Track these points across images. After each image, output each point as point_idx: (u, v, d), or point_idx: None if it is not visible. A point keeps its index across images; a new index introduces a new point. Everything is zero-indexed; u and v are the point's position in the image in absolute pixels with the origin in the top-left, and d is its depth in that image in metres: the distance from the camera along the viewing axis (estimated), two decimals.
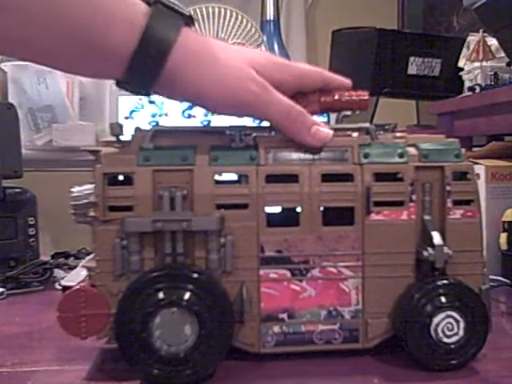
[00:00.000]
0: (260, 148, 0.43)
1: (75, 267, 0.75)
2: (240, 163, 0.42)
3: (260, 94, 0.41)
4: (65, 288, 0.62)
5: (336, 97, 0.46)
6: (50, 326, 0.55)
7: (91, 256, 0.43)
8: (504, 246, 0.70)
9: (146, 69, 0.39)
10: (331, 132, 0.43)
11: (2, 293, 0.67)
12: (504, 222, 0.70)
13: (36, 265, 0.73)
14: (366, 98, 0.47)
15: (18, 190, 0.77)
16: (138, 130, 0.43)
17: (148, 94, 0.42)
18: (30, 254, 0.77)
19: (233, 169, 0.42)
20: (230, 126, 0.44)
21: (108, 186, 0.41)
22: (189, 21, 0.41)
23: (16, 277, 0.71)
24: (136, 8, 0.39)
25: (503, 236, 0.70)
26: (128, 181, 0.41)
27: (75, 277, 0.64)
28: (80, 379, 0.41)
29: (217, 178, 0.42)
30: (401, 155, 0.43)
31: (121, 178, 0.42)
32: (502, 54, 1.25)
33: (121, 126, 0.42)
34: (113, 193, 0.41)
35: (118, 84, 0.41)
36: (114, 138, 0.42)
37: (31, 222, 0.78)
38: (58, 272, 0.77)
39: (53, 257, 0.89)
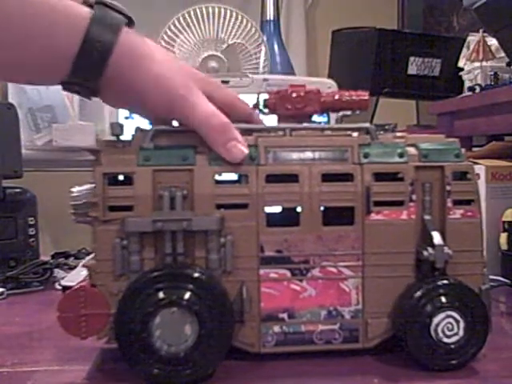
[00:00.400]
0: (260, 148, 0.43)
1: (75, 267, 0.75)
2: (240, 163, 0.42)
3: (188, 96, 0.42)
4: (65, 288, 0.62)
5: (336, 97, 0.46)
6: (49, 326, 0.55)
7: (91, 256, 0.43)
8: (504, 246, 0.70)
9: (88, 70, 0.40)
10: (246, 151, 0.42)
11: (2, 293, 0.67)
12: (504, 222, 0.70)
13: (36, 265, 0.73)
14: (366, 98, 0.47)
15: (18, 190, 0.77)
16: (138, 129, 0.43)
17: (92, 95, 0.43)
18: (30, 254, 0.77)
19: (233, 169, 0.42)
20: None
21: (108, 185, 0.41)
22: (129, 21, 0.42)
23: (16, 277, 0.71)
24: (78, 10, 0.40)
25: (503, 236, 0.70)
26: (128, 181, 0.41)
27: (75, 277, 0.64)
28: (80, 379, 0.41)
29: (217, 177, 0.42)
30: (401, 155, 0.43)
31: (121, 177, 0.42)
32: (502, 54, 1.25)
33: (121, 126, 0.42)
34: (113, 193, 0.41)
35: (64, 86, 0.42)
36: (114, 138, 0.42)
37: (31, 222, 0.78)
38: (58, 272, 0.77)
39: (53, 257, 0.89)
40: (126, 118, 0.84)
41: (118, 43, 0.40)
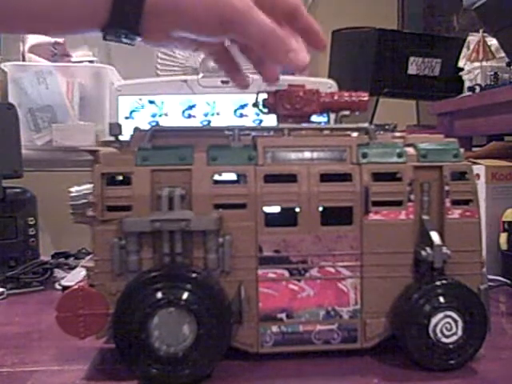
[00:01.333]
0: (258, 148, 0.43)
1: (75, 267, 0.75)
2: (238, 163, 0.42)
3: (244, 9, 0.41)
4: (65, 288, 0.62)
5: (335, 97, 0.46)
6: (50, 326, 0.55)
7: (91, 256, 0.43)
8: (504, 246, 0.70)
9: (128, 5, 0.39)
10: (307, 57, 0.42)
11: (2, 293, 0.67)
12: (504, 222, 0.70)
13: (36, 265, 0.73)
14: (365, 98, 0.47)
15: (18, 190, 0.77)
16: (136, 129, 0.43)
17: (135, 36, 0.42)
18: (30, 253, 0.77)
19: (231, 168, 0.42)
20: (229, 126, 0.44)
21: (106, 185, 0.41)
22: None
23: (16, 277, 0.71)
24: None
25: (503, 236, 0.70)
26: (126, 181, 0.41)
27: (75, 277, 0.64)
28: (80, 379, 0.41)
29: (215, 177, 0.42)
30: (399, 155, 0.43)
31: (119, 177, 0.42)
32: (502, 54, 1.25)
33: (119, 126, 0.42)
34: (111, 193, 0.41)
35: (105, 34, 0.41)
36: (112, 138, 0.42)
37: (31, 222, 0.78)
38: (58, 272, 0.77)
39: (53, 257, 0.89)
40: (126, 118, 0.84)
41: None
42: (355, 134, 0.45)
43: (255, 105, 0.47)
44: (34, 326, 0.56)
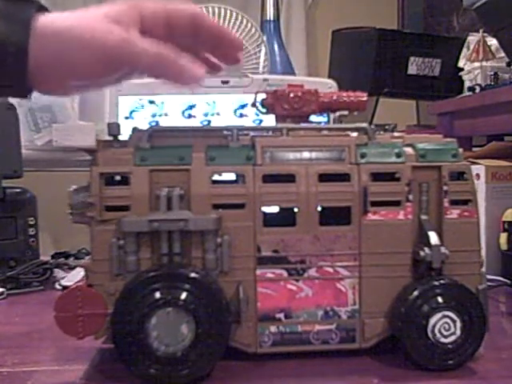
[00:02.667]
0: (257, 148, 0.43)
1: (75, 267, 0.75)
2: (237, 163, 0.42)
3: (123, 42, 0.40)
4: (65, 288, 0.62)
5: (334, 97, 0.46)
6: (49, 326, 0.54)
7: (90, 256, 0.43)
8: (504, 246, 0.70)
9: (8, 78, 0.39)
10: (203, 70, 0.42)
11: (2, 293, 0.67)
12: (504, 222, 0.70)
13: (36, 265, 0.73)
14: (364, 99, 0.47)
15: (18, 190, 0.77)
16: (135, 129, 0.43)
17: (27, 93, 0.41)
18: (30, 254, 0.77)
19: (230, 169, 0.42)
20: (227, 126, 0.44)
21: (105, 185, 0.41)
22: (41, 7, 0.41)
23: (16, 277, 0.71)
24: None
25: (503, 236, 0.70)
26: (125, 181, 0.41)
27: (75, 277, 0.64)
28: (80, 379, 0.41)
29: (215, 177, 0.42)
30: (398, 155, 0.43)
31: (118, 177, 0.42)
32: (502, 54, 1.24)
33: (118, 126, 0.42)
34: (110, 193, 0.41)
35: None
36: (111, 138, 0.42)
37: (31, 222, 0.78)
38: (58, 272, 0.77)
39: (53, 257, 0.89)
40: (126, 118, 0.84)
41: (34, 30, 0.39)
42: (355, 134, 0.45)
43: (254, 105, 0.47)
44: (34, 325, 0.56)
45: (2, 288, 0.68)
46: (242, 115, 0.86)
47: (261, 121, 0.83)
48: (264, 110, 0.46)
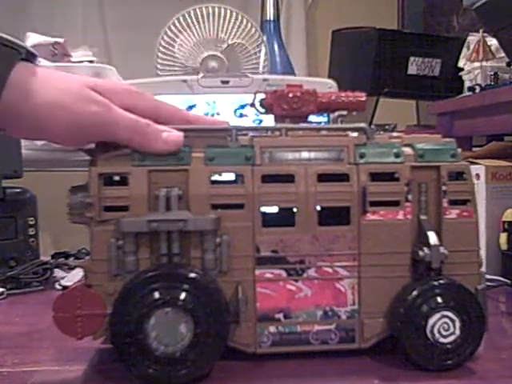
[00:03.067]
0: (256, 148, 0.42)
1: (75, 267, 0.75)
2: (236, 163, 0.42)
3: (103, 113, 0.40)
4: (65, 288, 0.62)
5: (333, 97, 0.46)
6: (50, 326, 0.54)
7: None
8: (504, 246, 0.70)
9: None
10: (181, 134, 0.42)
11: (2, 293, 0.67)
12: (504, 222, 0.70)
13: (36, 265, 0.73)
14: (363, 99, 0.47)
15: (18, 190, 0.77)
16: None
17: None
18: (30, 254, 0.77)
19: (228, 169, 0.42)
20: (226, 126, 0.44)
21: (104, 186, 0.41)
22: (27, 55, 0.41)
23: (16, 277, 0.70)
24: None
25: (503, 236, 0.70)
26: (123, 181, 0.41)
27: (75, 277, 0.64)
28: (80, 379, 0.41)
29: (212, 178, 0.42)
30: (397, 155, 0.43)
31: (116, 178, 0.42)
32: (502, 54, 1.25)
33: None
34: (108, 193, 0.41)
35: None
36: None
37: (31, 222, 0.77)
38: (58, 272, 0.77)
39: (53, 257, 0.89)
40: None
41: (10, 80, 0.38)
42: (355, 134, 0.45)
43: (252, 105, 0.47)
44: (34, 326, 0.56)
45: (2, 288, 0.67)
46: (241, 115, 0.86)
47: (261, 121, 0.83)
48: (263, 110, 0.46)
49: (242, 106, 0.86)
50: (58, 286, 0.69)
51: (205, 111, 0.85)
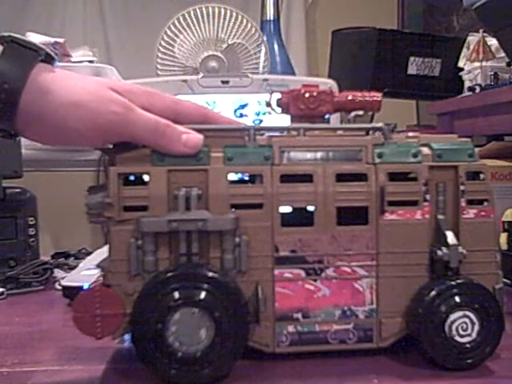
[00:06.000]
0: (274, 148, 0.42)
1: (75, 267, 0.75)
2: (254, 163, 0.42)
3: (123, 113, 0.40)
4: (65, 288, 0.62)
5: (349, 97, 0.46)
6: (50, 326, 0.55)
7: (91, 256, 0.43)
8: (504, 246, 0.70)
9: (2, 103, 0.38)
10: (201, 137, 0.42)
11: (2, 293, 0.67)
12: (504, 222, 0.70)
13: (36, 265, 0.73)
14: (379, 99, 0.47)
15: (18, 190, 0.77)
16: None
17: (13, 136, 0.41)
18: (30, 254, 0.76)
19: (247, 169, 0.42)
20: (245, 126, 0.44)
21: (123, 186, 0.41)
22: (46, 57, 0.41)
23: (16, 277, 0.70)
24: None
25: (503, 236, 0.70)
26: (143, 181, 0.41)
27: (75, 277, 0.64)
28: (80, 379, 0.41)
29: (231, 177, 0.42)
30: (415, 155, 0.43)
31: (131, 177, 0.42)
32: (502, 54, 1.25)
33: None
34: (128, 193, 0.41)
35: None
36: None
37: (31, 222, 0.77)
38: (58, 272, 0.77)
39: (53, 257, 0.89)
40: None
41: (30, 81, 0.38)
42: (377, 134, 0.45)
43: (269, 105, 0.46)
44: (34, 326, 0.55)
45: (2, 288, 0.67)
46: (242, 115, 0.86)
47: (261, 121, 0.83)
48: (279, 110, 0.46)
49: (242, 106, 0.86)
50: (57, 286, 0.68)
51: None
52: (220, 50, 1.05)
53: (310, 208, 0.43)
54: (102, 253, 0.43)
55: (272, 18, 1.64)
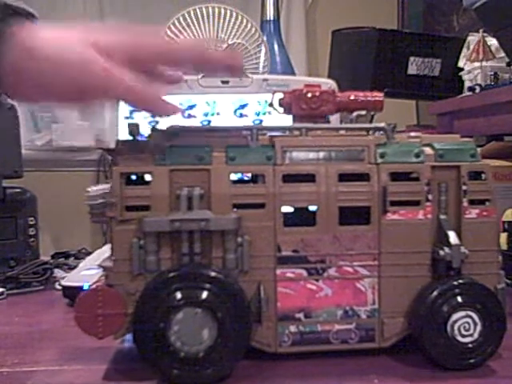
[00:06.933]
0: (277, 148, 0.42)
1: (75, 267, 0.75)
2: (257, 163, 0.42)
3: (102, 76, 0.41)
4: (65, 288, 0.62)
5: (351, 97, 0.46)
6: (50, 326, 0.55)
7: (91, 256, 0.42)
8: (504, 246, 0.70)
9: None
10: (177, 106, 0.43)
11: (2, 293, 0.67)
12: (504, 221, 0.70)
13: (36, 265, 0.73)
14: (381, 98, 0.47)
15: (18, 190, 0.77)
16: (154, 129, 0.43)
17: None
18: (30, 254, 0.77)
19: (250, 168, 0.42)
20: (247, 126, 0.44)
21: (125, 185, 0.41)
22: (27, 16, 0.42)
23: (16, 277, 0.70)
24: None
25: (503, 236, 0.70)
26: (145, 180, 0.41)
27: (75, 277, 0.64)
28: (80, 379, 0.41)
29: (233, 177, 0.42)
30: (417, 155, 0.43)
31: (133, 177, 0.42)
32: (502, 54, 1.25)
33: (138, 126, 0.42)
34: (130, 192, 0.41)
35: None
36: (130, 138, 0.42)
37: (31, 222, 0.77)
38: (58, 272, 0.77)
39: (53, 257, 0.89)
40: (126, 117, 0.84)
41: (14, 40, 0.40)
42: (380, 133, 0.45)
43: (271, 105, 0.46)
44: (34, 326, 0.55)
45: (2, 288, 0.67)
46: (242, 115, 0.86)
47: (261, 121, 0.83)
48: (281, 110, 0.46)
49: (242, 106, 0.86)
50: (57, 286, 0.68)
51: (205, 111, 0.85)
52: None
53: (312, 208, 0.43)
54: (102, 253, 0.43)
55: (272, 18, 1.64)
